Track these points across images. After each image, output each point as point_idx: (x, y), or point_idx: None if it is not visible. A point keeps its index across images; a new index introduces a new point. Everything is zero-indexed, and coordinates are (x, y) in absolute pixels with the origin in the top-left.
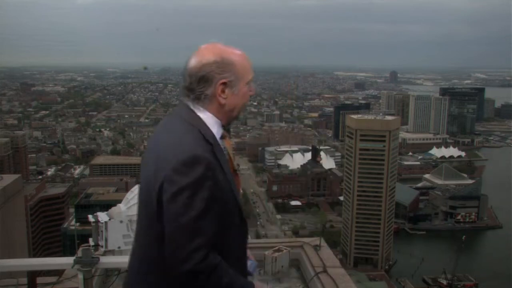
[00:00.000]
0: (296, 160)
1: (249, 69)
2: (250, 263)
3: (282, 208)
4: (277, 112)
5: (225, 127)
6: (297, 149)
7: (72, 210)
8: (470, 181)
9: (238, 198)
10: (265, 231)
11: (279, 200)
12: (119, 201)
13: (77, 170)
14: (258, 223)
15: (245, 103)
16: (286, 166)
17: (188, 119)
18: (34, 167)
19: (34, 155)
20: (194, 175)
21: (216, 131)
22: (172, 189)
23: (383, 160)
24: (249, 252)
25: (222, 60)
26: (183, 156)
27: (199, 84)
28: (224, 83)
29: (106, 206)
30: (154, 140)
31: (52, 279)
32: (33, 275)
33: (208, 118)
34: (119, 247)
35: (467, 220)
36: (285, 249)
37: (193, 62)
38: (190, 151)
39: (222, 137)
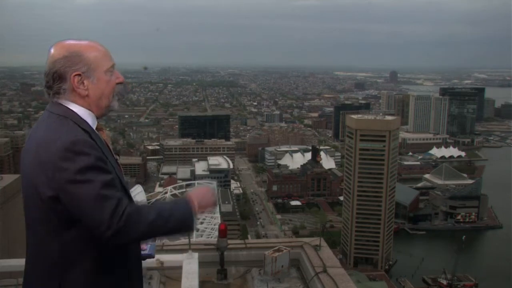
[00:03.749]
0: (296, 160)
1: (103, 57)
2: (150, 246)
3: (282, 208)
4: (277, 112)
5: (100, 118)
6: (297, 149)
7: None
8: (470, 181)
9: (123, 181)
10: (265, 231)
11: (279, 200)
12: None
13: None
14: (258, 223)
15: (113, 89)
16: (286, 166)
17: (60, 112)
18: None
19: None
20: (80, 157)
21: (91, 122)
22: (66, 176)
23: (383, 160)
24: None
25: (70, 54)
26: (63, 144)
27: (55, 81)
28: (78, 75)
29: None
30: (30, 140)
31: None
32: None
33: (80, 110)
34: None
35: (467, 220)
36: (285, 249)
37: (47, 62)
38: (68, 138)
39: (98, 129)
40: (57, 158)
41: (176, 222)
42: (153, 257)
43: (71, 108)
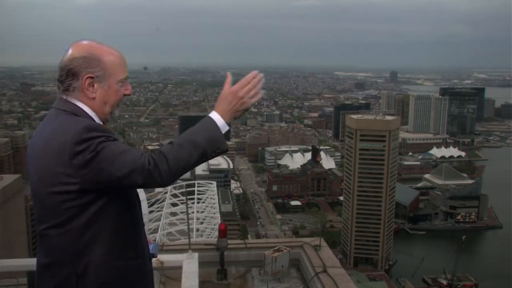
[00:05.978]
0: (296, 160)
1: (120, 67)
2: (153, 246)
3: (282, 208)
4: (277, 112)
5: (103, 122)
6: (297, 149)
7: None
8: (470, 181)
9: None
10: (265, 231)
11: (279, 200)
12: None
13: None
14: (258, 223)
15: (119, 100)
16: (286, 166)
17: (68, 109)
18: None
19: None
20: (94, 139)
21: (97, 121)
22: (84, 157)
23: (383, 160)
24: (149, 238)
25: (90, 56)
26: (77, 131)
27: (67, 77)
28: (90, 77)
29: None
30: (38, 138)
31: None
32: (33, 275)
33: (87, 109)
34: None
35: (467, 220)
36: (285, 249)
37: (65, 56)
38: (80, 125)
39: None
40: (72, 144)
41: (202, 142)
42: (156, 257)
43: (79, 106)
